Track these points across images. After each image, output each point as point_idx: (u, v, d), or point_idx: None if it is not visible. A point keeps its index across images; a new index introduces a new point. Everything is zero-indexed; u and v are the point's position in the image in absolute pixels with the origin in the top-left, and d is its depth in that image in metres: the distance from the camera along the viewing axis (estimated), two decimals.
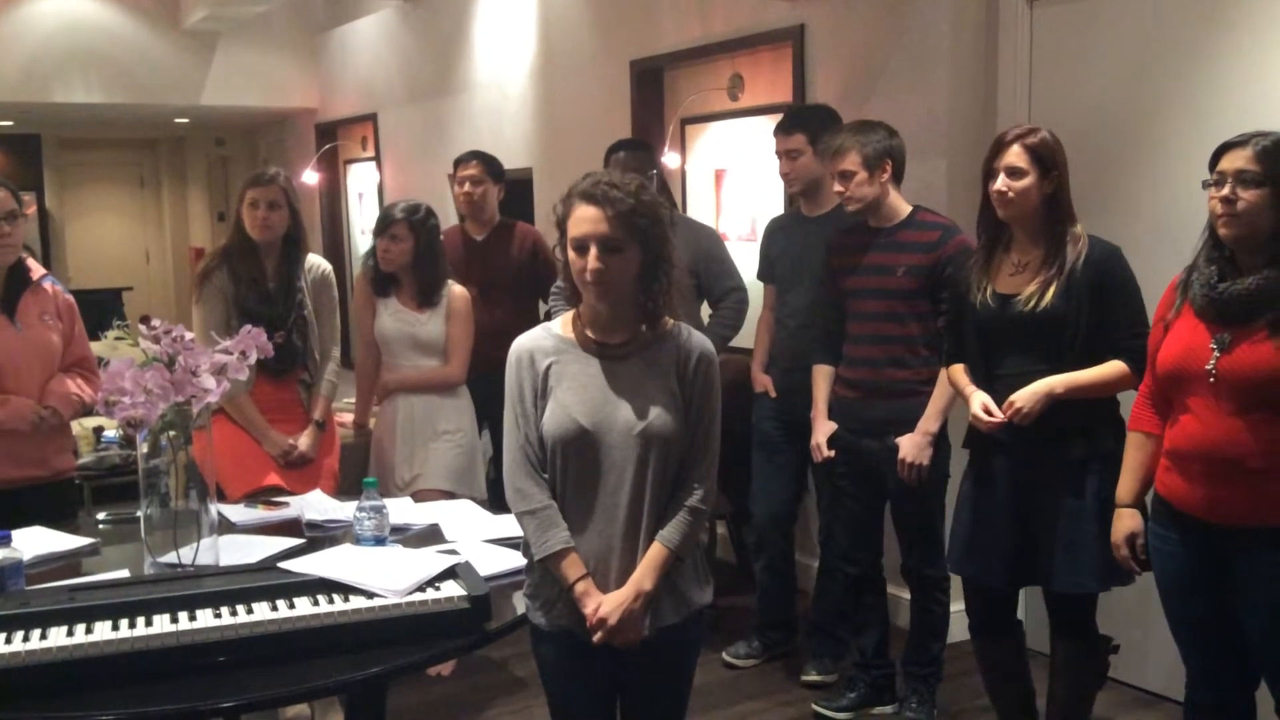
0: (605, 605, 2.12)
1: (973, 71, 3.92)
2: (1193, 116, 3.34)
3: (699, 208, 5.25)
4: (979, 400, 2.83)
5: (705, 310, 4.10)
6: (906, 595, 3.51)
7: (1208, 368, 2.32)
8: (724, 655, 3.95)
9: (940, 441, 3.25)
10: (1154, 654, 3.50)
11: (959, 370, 2.95)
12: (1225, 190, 2.31)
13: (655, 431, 2.13)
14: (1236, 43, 3.23)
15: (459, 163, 4.61)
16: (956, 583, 3.39)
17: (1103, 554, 2.68)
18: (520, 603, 2.29)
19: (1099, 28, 3.59)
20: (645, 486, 2.14)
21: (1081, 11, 3.63)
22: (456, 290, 3.85)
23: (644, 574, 2.14)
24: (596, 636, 2.12)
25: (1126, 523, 2.59)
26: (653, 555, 2.14)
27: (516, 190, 6.19)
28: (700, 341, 2.21)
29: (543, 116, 6.03)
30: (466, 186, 4.52)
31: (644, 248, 2.11)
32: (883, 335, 3.28)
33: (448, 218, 5.12)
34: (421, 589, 2.22)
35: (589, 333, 2.20)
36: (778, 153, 3.69)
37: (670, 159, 5.14)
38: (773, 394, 3.78)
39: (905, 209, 3.31)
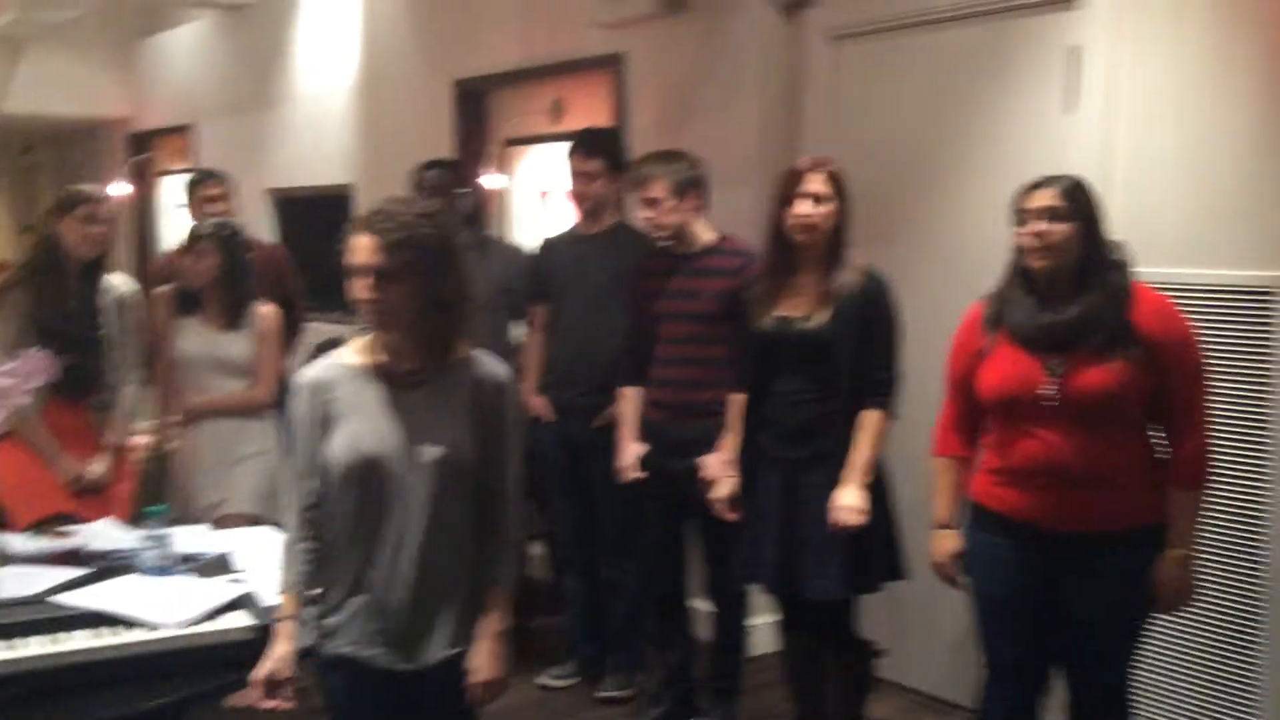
0: (479, 669, 2.17)
1: (780, 104, 4.06)
2: (980, 151, 3.54)
3: (525, 228, 5.28)
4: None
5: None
6: (708, 610, 3.59)
7: (1048, 392, 2.47)
8: (537, 681, 3.94)
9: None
10: (938, 658, 3.68)
11: (737, 402, 3.11)
12: (1035, 226, 2.48)
13: (449, 461, 2.13)
14: (1014, 85, 3.44)
15: (197, 183, 4.43)
16: (757, 596, 3.51)
17: (848, 561, 2.86)
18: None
19: (896, 66, 3.78)
20: (439, 518, 2.14)
21: (880, 50, 3.81)
22: (264, 310, 3.77)
23: (494, 620, 2.20)
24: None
25: (950, 543, 2.73)
26: (494, 599, 2.20)
27: (336, 206, 6.10)
28: (495, 368, 2.23)
29: (365, 132, 5.96)
30: (219, 205, 4.34)
31: (422, 277, 2.10)
32: (688, 358, 3.37)
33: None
34: (206, 619, 2.18)
35: (380, 359, 2.19)
36: (574, 174, 3.75)
37: (494, 179, 5.15)
38: (550, 418, 3.82)
39: (710, 236, 3.41)
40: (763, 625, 3.80)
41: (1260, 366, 2.95)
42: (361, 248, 2.09)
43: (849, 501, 2.87)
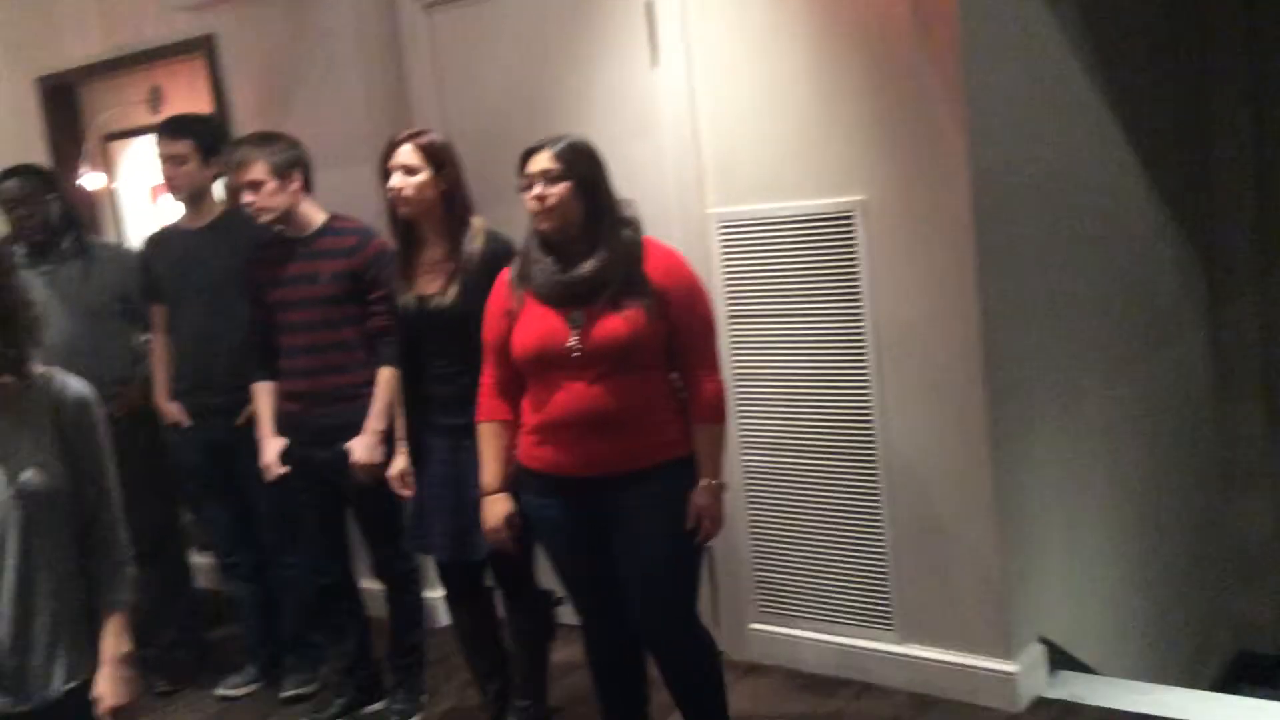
0: (104, 696, 2.06)
1: (384, 78, 4.02)
2: (582, 107, 3.64)
3: (137, 227, 4.97)
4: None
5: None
6: (381, 592, 3.57)
7: (570, 344, 2.58)
8: (216, 692, 3.83)
9: (391, 437, 3.33)
10: None
11: (392, 376, 3.16)
12: (535, 190, 2.59)
13: (33, 491, 2.01)
14: (605, 43, 3.57)
15: None
16: (429, 572, 3.52)
17: None
18: None
19: (493, 30, 3.82)
20: (33, 550, 2.02)
21: (474, 16, 3.84)
22: None
23: (115, 644, 2.10)
24: None
25: (501, 507, 2.76)
26: (112, 624, 2.11)
27: None
28: (75, 387, 2.10)
29: None
30: None
31: None
32: (317, 344, 3.31)
33: None
34: None
35: None
36: (161, 158, 3.57)
37: (93, 179, 4.81)
38: (186, 423, 3.67)
39: (320, 217, 3.35)
40: (442, 598, 3.79)
41: (851, 282, 3.25)
42: None
43: None
